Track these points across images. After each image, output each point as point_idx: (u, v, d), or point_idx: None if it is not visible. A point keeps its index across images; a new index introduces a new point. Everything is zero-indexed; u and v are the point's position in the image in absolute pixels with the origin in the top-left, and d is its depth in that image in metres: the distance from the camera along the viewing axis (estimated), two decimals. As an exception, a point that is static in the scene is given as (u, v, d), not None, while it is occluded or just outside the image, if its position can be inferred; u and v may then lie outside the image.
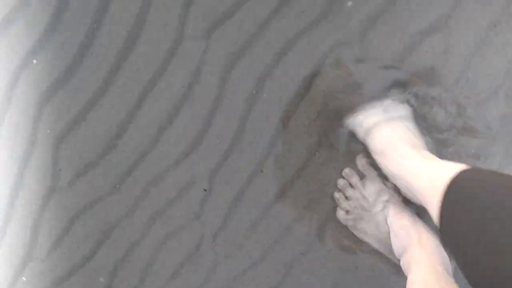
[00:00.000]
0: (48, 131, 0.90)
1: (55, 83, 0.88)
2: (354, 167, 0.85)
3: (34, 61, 0.88)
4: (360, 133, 0.81)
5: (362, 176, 0.85)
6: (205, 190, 0.88)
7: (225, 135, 0.87)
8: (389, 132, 0.77)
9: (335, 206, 0.86)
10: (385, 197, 0.81)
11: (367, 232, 0.84)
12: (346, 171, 0.86)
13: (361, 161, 0.84)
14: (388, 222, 0.80)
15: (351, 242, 0.87)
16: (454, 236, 0.54)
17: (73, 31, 0.86)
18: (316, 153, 0.86)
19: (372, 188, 0.82)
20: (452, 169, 0.59)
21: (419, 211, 0.82)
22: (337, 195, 0.86)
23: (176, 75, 0.86)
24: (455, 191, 0.55)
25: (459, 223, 0.53)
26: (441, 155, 0.83)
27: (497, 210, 0.48)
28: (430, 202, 0.61)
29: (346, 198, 0.85)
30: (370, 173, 0.83)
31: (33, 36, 0.88)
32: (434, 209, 0.58)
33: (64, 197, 0.91)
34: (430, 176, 0.64)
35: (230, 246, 0.89)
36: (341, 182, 0.86)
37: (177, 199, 0.89)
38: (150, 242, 0.90)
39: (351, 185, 0.85)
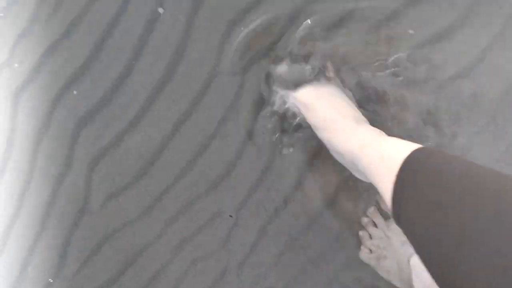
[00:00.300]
0: (83, 155, 0.93)
1: (93, 108, 0.92)
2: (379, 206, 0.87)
3: (75, 92, 0.92)
4: (298, 109, 0.79)
5: (386, 216, 0.86)
6: (231, 216, 0.90)
7: (255, 167, 0.89)
8: (328, 107, 0.74)
9: (359, 244, 0.87)
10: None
11: (389, 271, 0.85)
12: (370, 210, 0.87)
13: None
14: (411, 263, 0.81)
15: (374, 280, 0.88)
16: (407, 222, 0.51)
17: (114, 60, 0.90)
18: (342, 189, 0.88)
19: (396, 230, 0.83)
20: (401, 147, 0.56)
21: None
22: (361, 233, 0.87)
23: (210, 107, 0.89)
24: (407, 175, 0.52)
25: (412, 209, 0.49)
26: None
27: (452, 196, 0.45)
28: (381, 182, 0.57)
29: (370, 237, 0.86)
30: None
31: (74, 63, 0.91)
32: (385, 191, 0.55)
33: (95, 219, 0.94)
34: (378, 152, 0.60)
35: (255, 275, 0.91)
36: (365, 220, 0.87)
37: (205, 227, 0.91)
38: (176, 267, 0.92)
39: (375, 224, 0.86)
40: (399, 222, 0.53)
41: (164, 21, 0.88)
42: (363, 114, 0.79)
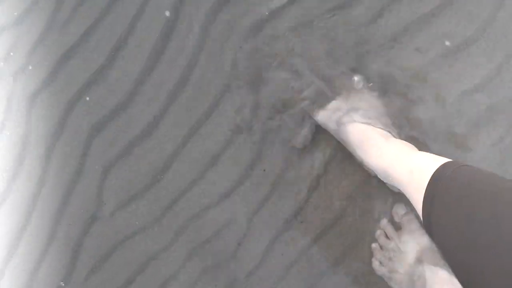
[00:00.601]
0: (96, 161, 0.94)
1: (106, 116, 0.92)
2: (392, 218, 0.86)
3: (89, 99, 0.93)
4: (332, 127, 0.82)
5: (399, 227, 0.85)
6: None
7: (267, 179, 0.89)
8: (363, 126, 0.78)
9: (371, 256, 0.87)
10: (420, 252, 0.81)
11: (402, 284, 0.84)
12: (383, 222, 0.86)
13: (398, 212, 0.85)
14: (427, 276, 0.80)
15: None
16: (437, 233, 0.55)
17: (128, 69, 0.91)
18: (355, 201, 0.87)
19: (409, 242, 0.82)
20: (430, 161, 0.60)
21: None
22: (374, 245, 0.86)
23: (223, 117, 0.89)
24: (436, 188, 0.56)
25: (442, 221, 0.53)
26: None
27: (480, 209, 0.48)
28: (412, 195, 0.62)
29: (382, 248, 0.85)
30: (408, 225, 0.83)
31: (89, 71, 0.92)
32: (417, 204, 0.59)
33: (106, 225, 0.94)
34: (408, 166, 0.65)
35: (264, 287, 0.90)
36: (377, 233, 0.86)
37: (215, 237, 0.91)
38: (185, 277, 0.92)
39: (387, 236, 0.85)
40: (430, 233, 0.57)
41: (180, 31, 0.89)
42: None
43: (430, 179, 0.57)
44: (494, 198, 0.48)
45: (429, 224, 0.56)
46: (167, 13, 0.89)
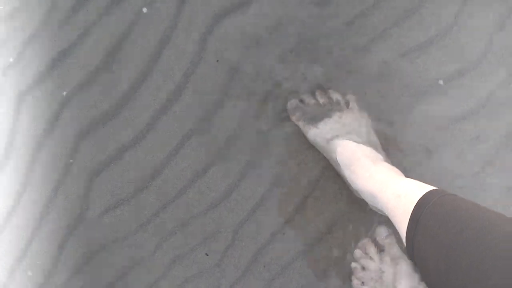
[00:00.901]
0: (84, 164, 0.93)
1: (98, 118, 0.92)
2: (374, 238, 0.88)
3: (81, 100, 0.92)
4: (321, 145, 0.84)
5: (381, 249, 0.87)
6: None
7: (255, 193, 0.90)
8: (353, 147, 0.79)
9: (351, 274, 0.89)
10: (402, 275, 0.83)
11: (381, 304, 0.86)
12: (364, 241, 0.88)
13: (381, 234, 0.87)
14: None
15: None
16: (419, 258, 0.57)
17: (124, 73, 0.90)
18: (340, 220, 0.89)
19: (389, 264, 0.84)
20: (416, 188, 0.62)
21: None
22: (354, 264, 0.88)
23: (217, 128, 0.89)
24: (420, 215, 0.58)
25: (425, 245, 0.56)
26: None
27: (462, 237, 0.51)
28: (397, 220, 0.64)
29: (363, 268, 0.87)
30: (389, 247, 0.85)
31: (83, 72, 0.91)
32: (401, 229, 0.62)
33: (91, 229, 0.94)
34: (395, 192, 0.67)
35: (246, 298, 0.92)
36: (357, 254, 0.88)
37: (200, 246, 0.91)
38: (168, 284, 0.92)
39: (369, 256, 0.87)
40: (411, 256, 0.59)
41: (178, 39, 0.89)
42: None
43: (416, 205, 0.60)
44: (478, 227, 0.50)
45: (411, 247, 0.59)
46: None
